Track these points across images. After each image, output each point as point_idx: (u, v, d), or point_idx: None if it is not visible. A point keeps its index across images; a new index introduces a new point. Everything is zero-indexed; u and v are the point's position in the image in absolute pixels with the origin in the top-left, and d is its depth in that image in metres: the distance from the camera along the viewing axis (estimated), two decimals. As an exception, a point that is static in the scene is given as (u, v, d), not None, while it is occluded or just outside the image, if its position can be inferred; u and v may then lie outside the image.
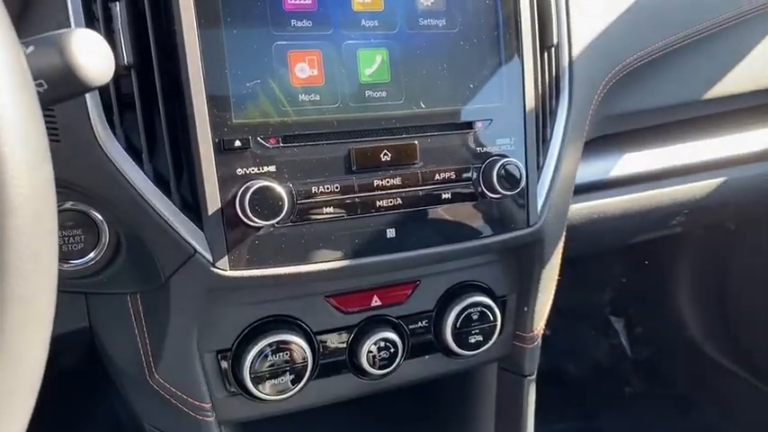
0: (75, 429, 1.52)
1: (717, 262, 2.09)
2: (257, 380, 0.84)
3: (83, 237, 0.79)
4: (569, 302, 2.23)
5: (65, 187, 0.77)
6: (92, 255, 0.80)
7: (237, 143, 0.74)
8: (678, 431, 2.07)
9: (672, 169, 1.23)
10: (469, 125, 0.86)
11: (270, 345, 0.84)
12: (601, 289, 2.34)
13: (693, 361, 2.19)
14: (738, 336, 2.08)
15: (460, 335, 0.96)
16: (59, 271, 0.79)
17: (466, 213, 0.87)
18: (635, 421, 2.10)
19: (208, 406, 0.86)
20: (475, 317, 0.96)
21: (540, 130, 0.92)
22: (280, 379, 0.85)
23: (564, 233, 1.01)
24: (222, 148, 0.73)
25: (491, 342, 0.99)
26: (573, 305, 2.26)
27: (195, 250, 0.75)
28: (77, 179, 0.75)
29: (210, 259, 0.75)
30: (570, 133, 0.96)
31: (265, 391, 0.85)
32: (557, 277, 1.04)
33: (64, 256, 0.79)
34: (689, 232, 1.99)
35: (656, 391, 2.22)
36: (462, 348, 0.97)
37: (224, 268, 0.75)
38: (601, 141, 1.15)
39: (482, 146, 0.87)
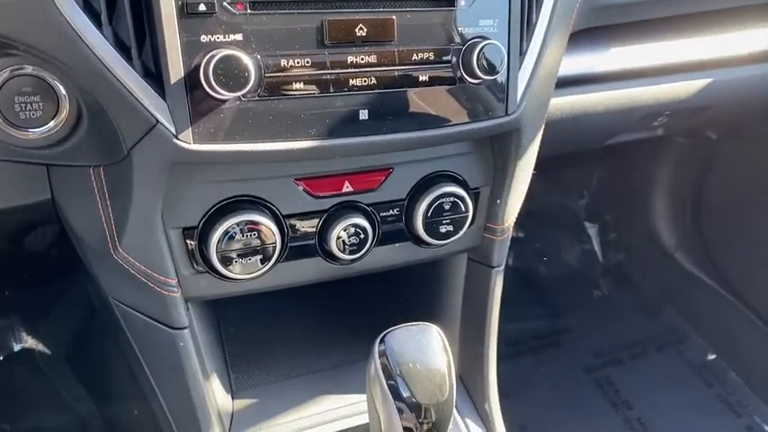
0: (45, 308, 1.54)
1: (695, 173, 2.10)
2: (225, 259, 0.84)
3: (41, 104, 0.76)
4: (546, 207, 2.26)
5: (21, 50, 0.72)
6: (51, 124, 0.77)
7: (202, 7, 0.70)
8: (641, 333, 2.15)
9: (657, 67, 1.20)
10: (451, 2, 0.81)
11: (238, 224, 0.83)
12: (578, 195, 2.36)
13: (663, 268, 2.25)
14: (709, 246, 2.13)
15: (431, 224, 0.96)
16: (19, 139, 0.76)
17: (443, 98, 0.84)
18: (601, 322, 2.17)
19: (173, 282, 0.86)
20: (447, 207, 0.95)
21: (526, 12, 0.88)
22: (248, 259, 0.85)
23: (543, 125, 0.99)
24: (186, 12, 0.69)
25: (461, 233, 0.98)
26: (549, 209, 2.28)
27: (157, 120, 0.72)
28: (32, 40, 0.71)
29: (173, 131, 0.72)
30: (557, 19, 0.91)
31: (234, 271, 0.85)
32: (531, 171, 1.02)
33: (22, 124, 0.76)
34: (670, 140, 1.99)
35: (624, 295, 2.29)
36: (432, 238, 0.97)
37: (187, 141, 0.73)
38: (587, 34, 1.11)
39: (463, 26, 0.83)
